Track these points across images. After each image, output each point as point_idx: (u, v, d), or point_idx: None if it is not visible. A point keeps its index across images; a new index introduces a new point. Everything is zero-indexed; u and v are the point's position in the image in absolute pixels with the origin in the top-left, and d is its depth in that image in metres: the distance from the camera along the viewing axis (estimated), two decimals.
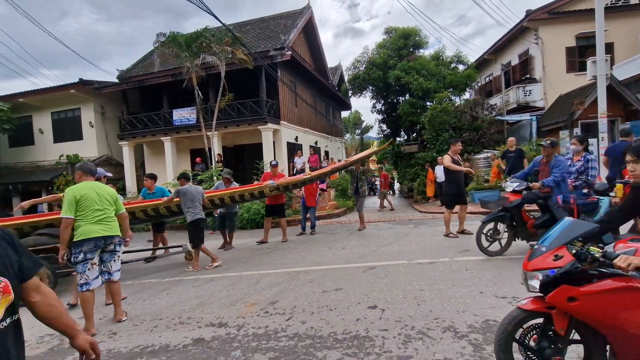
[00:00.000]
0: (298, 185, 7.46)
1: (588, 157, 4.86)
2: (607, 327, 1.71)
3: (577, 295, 1.69)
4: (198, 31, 11.96)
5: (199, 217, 5.55)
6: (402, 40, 17.14)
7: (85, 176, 3.68)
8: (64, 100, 16.09)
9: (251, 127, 14.26)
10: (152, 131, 15.48)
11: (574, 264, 1.74)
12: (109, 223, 3.63)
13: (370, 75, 17.49)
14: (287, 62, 14.75)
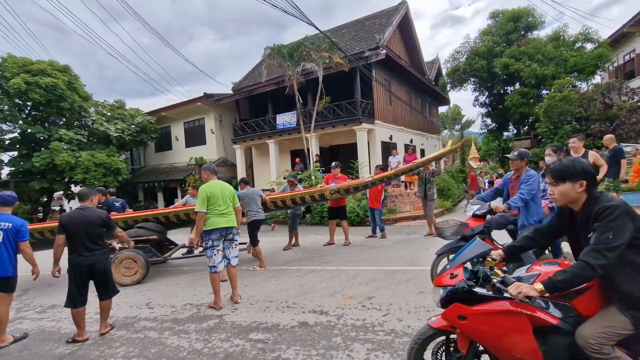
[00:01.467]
0: (360, 189, 7.19)
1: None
2: (495, 348, 1.72)
3: (467, 314, 1.71)
4: (299, 41, 12.90)
5: (255, 218, 5.90)
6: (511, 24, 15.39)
7: (212, 175, 4.44)
8: (192, 111, 19.19)
9: (346, 127, 14.71)
10: (259, 135, 17.28)
11: (461, 283, 1.75)
12: (229, 216, 4.27)
13: (472, 66, 16.21)
14: (381, 61, 14.73)
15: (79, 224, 3.54)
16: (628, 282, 1.54)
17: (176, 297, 4.76)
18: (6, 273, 3.57)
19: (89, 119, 17.69)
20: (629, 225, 1.51)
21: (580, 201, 1.69)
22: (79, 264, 3.51)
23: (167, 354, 3.11)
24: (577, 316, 1.65)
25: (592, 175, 1.66)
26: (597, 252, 1.51)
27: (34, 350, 3.45)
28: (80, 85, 16.92)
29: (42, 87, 14.85)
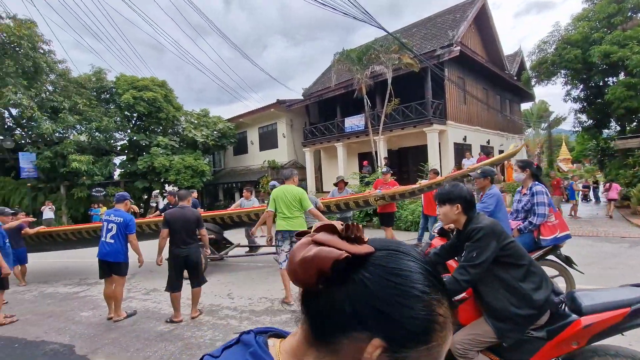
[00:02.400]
0: (406, 196, 6.79)
1: (534, 188, 3.45)
2: None
3: None
4: (367, 44, 12.95)
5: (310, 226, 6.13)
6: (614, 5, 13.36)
7: (285, 180, 4.75)
8: (266, 117, 20.49)
9: (416, 129, 14.28)
10: (328, 138, 17.70)
11: None
12: (292, 220, 4.45)
13: (562, 56, 14.45)
14: (455, 59, 13.99)
15: (178, 220, 4.13)
16: (492, 295, 1.70)
17: (252, 290, 5.21)
18: (119, 259, 4.32)
19: (180, 127, 19.99)
20: (492, 245, 1.67)
21: (460, 222, 1.87)
22: (177, 254, 4.10)
23: None
24: (457, 324, 1.78)
25: (466, 200, 1.83)
26: (462, 268, 1.70)
27: (141, 325, 4.12)
28: (174, 97, 19.26)
29: (145, 100, 17.28)
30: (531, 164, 3.67)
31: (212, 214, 7.03)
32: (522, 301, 1.65)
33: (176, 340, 3.63)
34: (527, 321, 1.66)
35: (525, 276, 1.69)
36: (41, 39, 15.29)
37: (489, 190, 3.59)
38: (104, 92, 18.51)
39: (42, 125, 14.77)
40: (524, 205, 3.55)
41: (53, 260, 8.72)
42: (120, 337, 3.84)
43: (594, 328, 1.58)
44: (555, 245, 3.42)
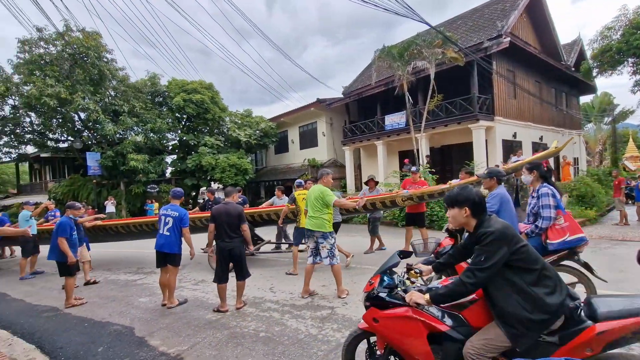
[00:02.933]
0: (435, 196, 6.44)
1: (540, 191, 3.32)
2: (399, 349, 1.95)
3: (378, 317, 1.99)
4: (409, 40, 12.64)
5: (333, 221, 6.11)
6: None
7: (318, 181, 4.86)
8: (306, 116, 20.78)
9: (460, 126, 13.70)
10: (367, 136, 17.56)
11: (371, 291, 2.06)
12: (311, 219, 4.63)
13: (630, 42, 13.06)
14: (504, 51, 13.20)
15: (222, 215, 4.38)
16: (504, 299, 1.67)
17: (293, 285, 5.36)
18: (174, 250, 4.67)
19: (225, 127, 20.94)
20: (502, 250, 1.65)
21: (470, 225, 1.86)
22: (222, 248, 4.35)
23: (288, 334, 3.60)
24: (468, 326, 1.81)
25: (474, 203, 1.82)
26: (470, 271, 1.71)
27: (191, 313, 4.43)
28: (219, 99, 20.20)
29: (194, 102, 18.34)
30: (539, 166, 3.50)
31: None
32: (535, 306, 1.62)
33: (223, 329, 3.86)
34: (540, 326, 1.62)
35: (538, 280, 1.66)
36: (105, 48, 16.81)
37: (493, 191, 3.48)
38: (157, 96, 19.91)
39: (106, 127, 16.26)
40: (532, 208, 3.41)
41: (113, 251, 9.59)
42: (173, 322, 4.16)
43: (609, 335, 1.53)
44: (571, 249, 3.18)
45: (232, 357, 3.20)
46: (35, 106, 15.72)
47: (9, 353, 3.54)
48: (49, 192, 19.30)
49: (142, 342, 3.69)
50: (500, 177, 3.53)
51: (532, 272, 1.66)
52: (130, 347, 3.57)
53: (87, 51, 15.65)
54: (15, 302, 5.61)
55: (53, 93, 14.58)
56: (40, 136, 18.95)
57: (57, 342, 3.84)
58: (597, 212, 10.93)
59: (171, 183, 19.84)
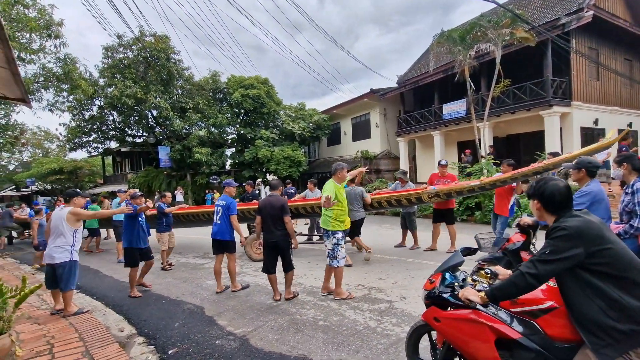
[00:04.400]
0: (464, 193, 5.92)
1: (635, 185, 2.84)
2: (462, 351, 1.91)
3: (440, 317, 1.97)
4: (472, 21, 11.80)
5: (356, 218, 5.95)
6: None
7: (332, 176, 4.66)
8: (359, 107, 20.55)
9: (530, 113, 12.53)
10: (423, 126, 16.86)
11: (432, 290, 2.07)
12: (322, 216, 4.54)
13: None
14: (586, 26, 11.70)
15: (267, 207, 4.49)
16: (584, 304, 1.52)
17: (350, 276, 5.39)
18: (225, 237, 4.91)
19: (279, 120, 21.58)
20: (574, 249, 1.51)
21: (547, 219, 1.75)
22: (267, 240, 4.48)
23: (347, 325, 3.65)
24: (544, 335, 1.66)
25: (542, 196, 1.71)
26: (531, 262, 1.61)
27: (254, 298, 4.69)
28: (274, 93, 20.82)
29: (251, 97, 19.15)
30: (632, 157, 3.01)
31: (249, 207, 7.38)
32: (623, 314, 1.42)
33: (284, 315, 4.03)
34: (628, 338, 1.40)
35: (631, 289, 1.45)
36: (173, 50, 18.19)
37: (584, 187, 3.07)
38: (218, 92, 21.11)
39: (174, 123, 17.71)
40: (626, 205, 2.95)
41: (181, 236, 10.48)
42: (238, 305, 4.45)
43: None
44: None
45: (293, 342, 3.33)
46: (116, 106, 17.64)
47: (104, 322, 4.08)
48: (128, 182, 21.65)
49: (212, 321, 4.01)
50: (590, 168, 3.10)
51: (622, 280, 1.47)
52: (202, 325, 3.89)
53: (158, 54, 17.10)
54: (107, 278, 6.43)
55: (131, 93, 16.22)
56: (121, 132, 21.24)
57: (142, 315, 4.33)
58: None
59: (230, 174, 21.03)
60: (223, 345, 3.40)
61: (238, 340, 3.47)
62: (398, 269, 5.61)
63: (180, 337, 3.62)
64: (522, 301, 1.77)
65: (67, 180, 24.17)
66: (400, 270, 5.57)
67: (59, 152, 29.13)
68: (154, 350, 3.40)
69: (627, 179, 3.09)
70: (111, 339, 3.51)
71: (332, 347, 3.20)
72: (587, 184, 3.06)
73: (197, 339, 3.56)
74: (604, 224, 1.63)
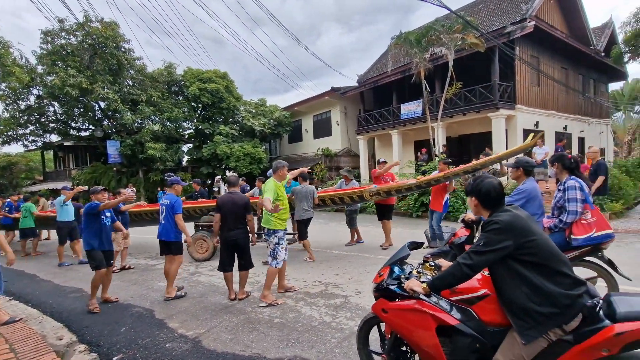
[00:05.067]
0: (402, 191, 6.35)
1: (567, 183, 3.17)
2: (408, 340, 1.99)
3: (387, 308, 2.02)
4: (428, 25, 12.28)
5: (304, 217, 6.01)
6: None
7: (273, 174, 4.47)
8: (320, 105, 20.63)
9: (479, 114, 13.34)
10: (382, 125, 17.33)
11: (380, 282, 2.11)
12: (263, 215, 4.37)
13: None
14: (528, 35, 12.67)
15: (228, 204, 4.36)
16: (513, 292, 1.65)
17: (307, 273, 5.42)
18: (170, 237, 4.53)
19: (239, 116, 21.05)
20: (505, 241, 1.63)
21: (483, 214, 1.87)
22: (226, 237, 4.35)
23: (302, 321, 3.66)
24: (479, 321, 1.79)
25: (480, 193, 1.83)
26: (467, 253, 1.73)
27: (208, 298, 4.55)
28: (234, 88, 20.26)
29: (209, 91, 18.47)
30: (562, 157, 3.30)
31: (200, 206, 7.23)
32: (545, 299, 1.58)
33: (239, 314, 3.95)
34: (548, 320, 1.57)
35: (551, 276, 1.61)
36: (123, 38, 17.03)
37: (521, 185, 3.32)
38: (174, 85, 20.13)
39: (125, 116, 16.61)
40: (557, 201, 3.24)
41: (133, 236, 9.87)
42: (191, 306, 4.29)
43: (628, 336, 1.47)
44: (594, 245, 3.05)
45: (247, 341, 3.28)
46: (58, 96, 16.17)
47: (40, 330, 3.74)
48: (72, 179, 19.99)
49: (162, 324, 3.83)
50: (527, 167, 3.36)
51: (544, 267, 1.62)
52: (151, 329, 3.70)
53: (105, 41, 15.90)
54: (44, 283, 5.90)
55: (75, 83, 14.94)
56: (64, 125, 19.54)
57: (84, 322, 4.02)
58: (624, 205, 10.52)
59: (187, 171, 20.23)
60: (173, 348, 3.26)
61: (190, 343, 3.34)
62: (355, 265, 5.72)
63: (126, 343, 3.41)
64: (460, 290, 1.89)
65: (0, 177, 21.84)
66: (357, 265, 5.68)
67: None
68: (96, 358, 3.18)
69: (559, 177, 3.36)
70: (47, 348, 3.23)
71: (287, 344, 3.19)
72: (523, 182, 3.31)
73: (145, 343, 3.39)
74: (530, 218, 1.78)
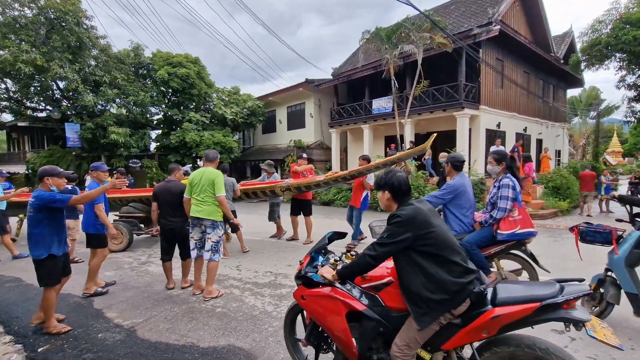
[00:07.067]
0: (312, 187, 6.29)
1: (502, 181, 3.32)
2: (323, 325, 2.07)
3: (305, 295, 2.11)
4: (398, 22, 12.41)
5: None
6: None
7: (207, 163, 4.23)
8: (294, 96, 20.47)
9: (446, 113, 13.72)
10: (354, 119, 17.46)
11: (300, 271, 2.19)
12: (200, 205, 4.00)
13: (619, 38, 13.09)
14: (494, 39, 13.11)
15: (164, 193, 4.29)
16: (410, 280, 1.75)
17: (260, 264, 5.43)
18: (89, 230, 4.23)
19: (211, 104, 20.51)
20: (406, 234, 1.73)
21: (393, 208, 1.93)
22: (164, 227, 4.28)
23: (244, 310, 3.67)
24: (383, 307, 1.90)
25: (393, 187, 1.89)
26: (372, 245, 1.82)
27: (154, 288, 4.47)
28: (206, 74, 19.67)
29: (179, 76, 17.84)
30: (505, 156, 3.47)
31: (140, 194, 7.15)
32: (437, 286, 1.69)
33: (181, 304, 3.91)
34: (439, 306, 1.68)
35: (444, 264, 1.72)
36: (84, 14, 16.04)
37: (450, 181, 3.48)
38: (141, 68, 19.27)
39: (85, 98, 15.74)
40: (491, 197, 3.42)
41: None
42: (134, 296, 4.19)
43: (503, 319, 1.62)
44: (519, 240, 3.28)
45: (184, 331, 3.25)
46: (10, 72, 15.06)
47: None
48: (27, 162, 18.81)
49: (99, 314, 3.72)
50: (454, 163, 3.53)
51: (439, 257, 1.72)
52: (86, 319, 3.59)
53: (64, 16, 14.92)
54: None
55: (28, 59, 13.94)
56: (17, 104, 18.28)
57: (14, 312, 3.84)
58: (570, 203, 11.25)
59: (154, 158, 19.54)
60: (105, 338, 3.18)
61: (124, 333, 3.27)
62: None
63: (56, 334, 3.29)
64: (370, 277, 2.00)
65: None
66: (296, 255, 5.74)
67: None
68: (20, 350, 3.04)
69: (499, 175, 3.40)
70: None
71: (224, 332, 3.20)
72: (453, 178, 3.45)
73: (77, 334, 3.28)
74: (432, 211, 1.87)
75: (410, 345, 1.74)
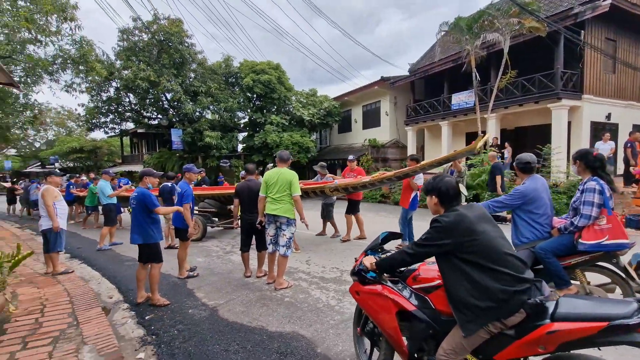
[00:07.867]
0: (358, 188, 6.25)
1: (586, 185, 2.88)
2: (373, 320, 2.19)
3: (359, 291, 2.23)
4: (481, 10, 11.50)
5: None
6: None
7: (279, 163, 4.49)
8: (370, 95, 20.44)
9: (538, 105, 12.24)
10: (432, 116, 16.69)
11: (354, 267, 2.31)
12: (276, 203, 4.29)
13: None
14: (602, 16, 11.23)
15: (245, 191, 4.81)
16: (455, 286, 1.75)
17: (328, 260, 5.70)
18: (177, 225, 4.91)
19: (290, 106, 21.72)
20: (444, 239, 1.75)
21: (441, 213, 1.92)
22: (244, 220, 4.81)
23: (309, 302, 3.96)
24: (433, 309, 1.93)
25: (440, 192, 1.90)
26: (412, 243, 1.90)
27: (234, 275, 5.07)
28: (286, 79, 20.92)
29: (262, 82, 19.36)
30: (586, 155, 2.99)
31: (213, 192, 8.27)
32: (482, 293, 1.65)
33: (256, 291, 4.39)
34: (485, 313, 1.64)
35: (490, 272, 1.67)
36: (186, 34, 18.50)
37: (519, 185, 3.14)
38: (230, 77, 21.39)
39: (186, 107, 18.19)
40: (574, 202, 3.01)
41: None
42: (218, 281, 4.83)
43: (560, 335, 1.50)
44: (608, 252, 2.84)
45: (256, 315, 3.68)
46: (131, 88, 18.22)
47: (97, 289, 4.55)
48: (144, 162, 22.50)
49: (191, 293, 4.40)
50: (519, 165, 3.19)
51: (483, 265, 1.69)
52: (181, 296, 4.29)
53: (171, 37, 17.45)
54: (108, 251, 6.97)
55: (144, 76, 16.72)
56: (137, 114, 21.97)
57: (131, 285, 4.77)
58: None
59: (241, 158, 21.51)
60: (194, 314, 3.78)
61: (208, 311, 3.84)
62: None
63: (159, 306, 4.02)
64: (421, 279, 2.05)
65: (87, 159, 25.33)
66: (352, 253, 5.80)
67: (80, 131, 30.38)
68: (134, 316, 3.81)
69: (582, 176, 3.11)
70: (96, 302, 3.95)
71: (290, 320, 3.52)
72: (523, 182, 3.15)
73: (174, 307, 3.96)
74: (480, 217, 1.82)
75: (457, 351, 1.74)
